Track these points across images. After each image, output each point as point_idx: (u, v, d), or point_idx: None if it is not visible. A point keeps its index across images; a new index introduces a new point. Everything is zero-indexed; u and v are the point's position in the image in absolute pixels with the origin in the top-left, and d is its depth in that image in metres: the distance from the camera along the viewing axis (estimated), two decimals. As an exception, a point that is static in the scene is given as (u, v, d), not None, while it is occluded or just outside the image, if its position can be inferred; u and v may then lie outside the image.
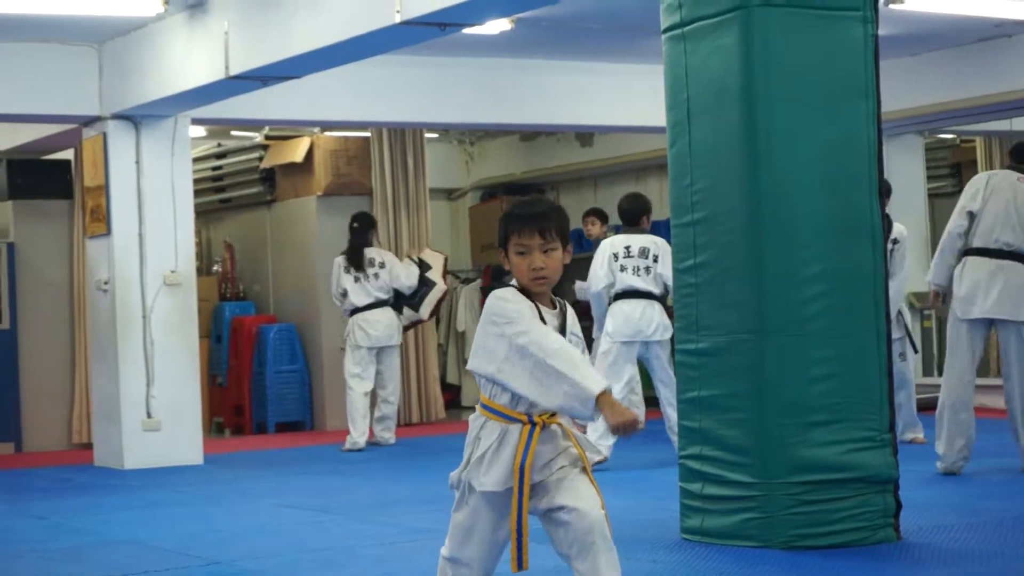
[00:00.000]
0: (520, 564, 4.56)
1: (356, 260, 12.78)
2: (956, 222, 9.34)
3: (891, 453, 7.06)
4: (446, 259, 13.85)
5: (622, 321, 10.36)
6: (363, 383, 12.76)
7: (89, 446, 13.10)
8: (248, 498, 9.90)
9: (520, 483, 4.52)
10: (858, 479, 6.94)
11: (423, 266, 13.24)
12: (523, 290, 4.62)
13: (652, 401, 11.05)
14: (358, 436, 12.64)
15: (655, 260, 10.39)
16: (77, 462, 12.67)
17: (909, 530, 7.21)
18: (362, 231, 12.86)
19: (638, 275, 10.39)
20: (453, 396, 16.62)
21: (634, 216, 10.61)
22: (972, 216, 9.27)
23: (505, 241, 4.65)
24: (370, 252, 12.88)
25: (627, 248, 10.46)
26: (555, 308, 4.67)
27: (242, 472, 11.49)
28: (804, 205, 6.98)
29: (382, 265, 12.85)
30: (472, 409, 4.85)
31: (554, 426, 4.61)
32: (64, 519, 9.17)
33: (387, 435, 13.05)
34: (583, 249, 13.11)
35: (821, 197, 7.00)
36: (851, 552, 6.78)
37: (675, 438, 10.15)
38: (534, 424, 4.55)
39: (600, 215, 12.60)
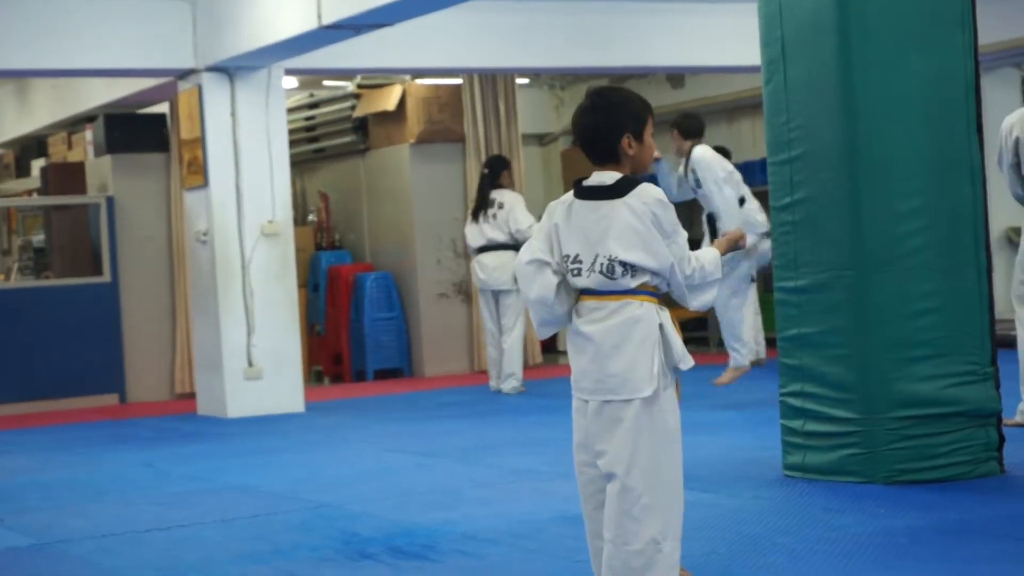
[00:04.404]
0: None
1: (479, 206, 12.54)
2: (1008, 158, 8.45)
3: (993, 387, 7.03)
4: None
5: None
6: (489, 325, 12.66)
7: (192, 396, 13.29)
8: (351, 444, 10.01)
9: None
10: (961, 413, 6.91)
11: None
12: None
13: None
14: (492, 381, 12.78)
15: None
16: (181, 411, 12.86)
17: (1013, 464, 7.17)
18: (491, 175, 12.58)
19: None
20: (549, 341, 16.65)
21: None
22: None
23: (643, 124, 4.56)
24: (495, 193, 12.48)
25: None
26: None
27: (344, 419, 11.61)
28: (901, 139, 6.95)
29: (501, 206, 12.39)
30: (565, 355, 4.83)
31: None
32: (173, 467, 9.31)
33: (505, 384, 12.68)
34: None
35: (918, 131, 6.97)
36: (954, 486, 6.76)
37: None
38: None
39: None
